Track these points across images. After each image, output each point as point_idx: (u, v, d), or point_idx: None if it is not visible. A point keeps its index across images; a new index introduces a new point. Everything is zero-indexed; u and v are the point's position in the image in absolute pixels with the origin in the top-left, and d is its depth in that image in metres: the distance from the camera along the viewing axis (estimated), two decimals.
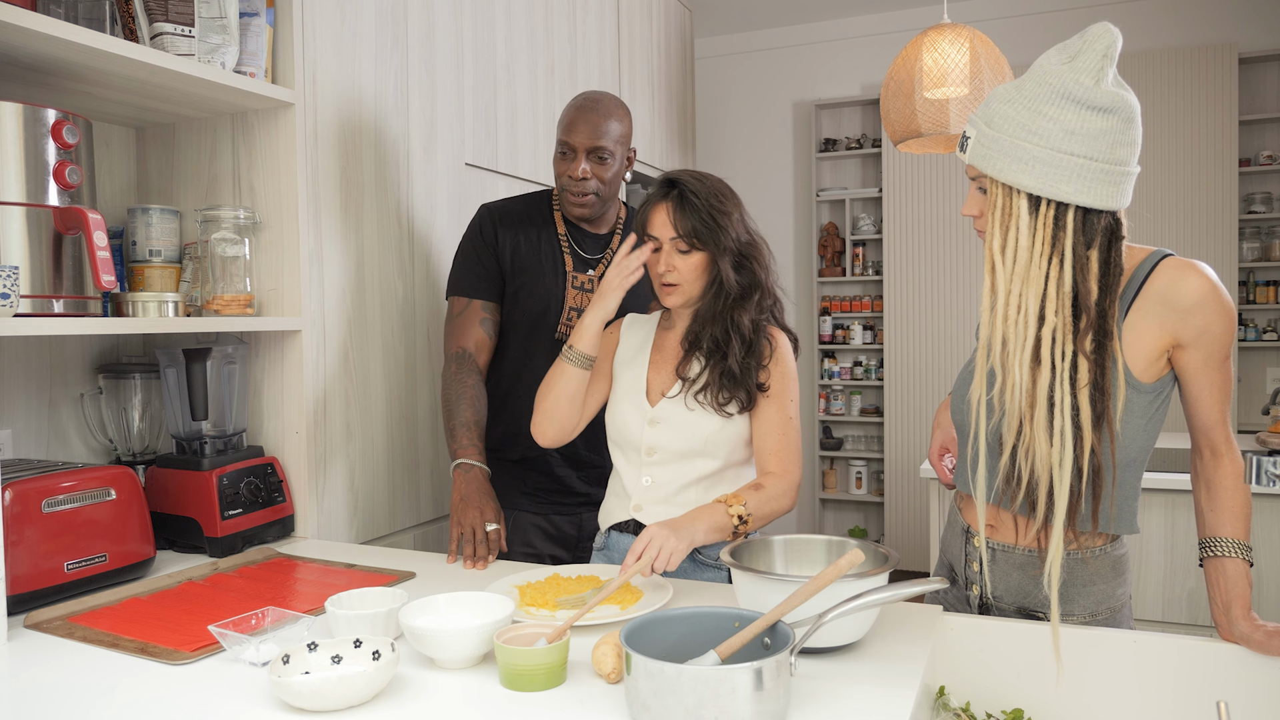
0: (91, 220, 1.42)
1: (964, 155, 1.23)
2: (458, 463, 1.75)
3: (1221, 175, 4.23)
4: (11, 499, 1.36)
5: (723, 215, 1.52)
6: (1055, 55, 1.19)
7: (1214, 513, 1.26)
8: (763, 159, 5.41)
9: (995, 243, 1.20)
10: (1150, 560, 2.44)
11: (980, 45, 2.78)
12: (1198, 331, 1.21)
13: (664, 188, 1.55)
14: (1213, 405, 1.27)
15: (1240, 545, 1.24)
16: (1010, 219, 1.18)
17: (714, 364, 1.55)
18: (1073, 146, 1.14)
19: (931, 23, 4.81)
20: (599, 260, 2.00)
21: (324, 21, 1.92)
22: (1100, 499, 1.22)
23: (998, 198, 1.19)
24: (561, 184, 1.90)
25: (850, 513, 5.33)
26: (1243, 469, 1.28)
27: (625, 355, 1.68)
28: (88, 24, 1.53)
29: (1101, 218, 1.18)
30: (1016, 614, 1.38)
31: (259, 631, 1.20)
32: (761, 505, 1.45)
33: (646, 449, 1.59)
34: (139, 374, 1.87)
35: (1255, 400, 4.39)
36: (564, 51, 2.93)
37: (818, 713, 0.99)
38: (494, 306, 1.98)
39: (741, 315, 1.54)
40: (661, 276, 1.54)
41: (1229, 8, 4.43)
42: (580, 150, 1.86)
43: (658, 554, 1.28)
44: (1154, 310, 1.23)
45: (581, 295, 1.98)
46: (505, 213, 2.01)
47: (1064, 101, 1.15)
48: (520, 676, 1.05)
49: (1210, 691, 1.20)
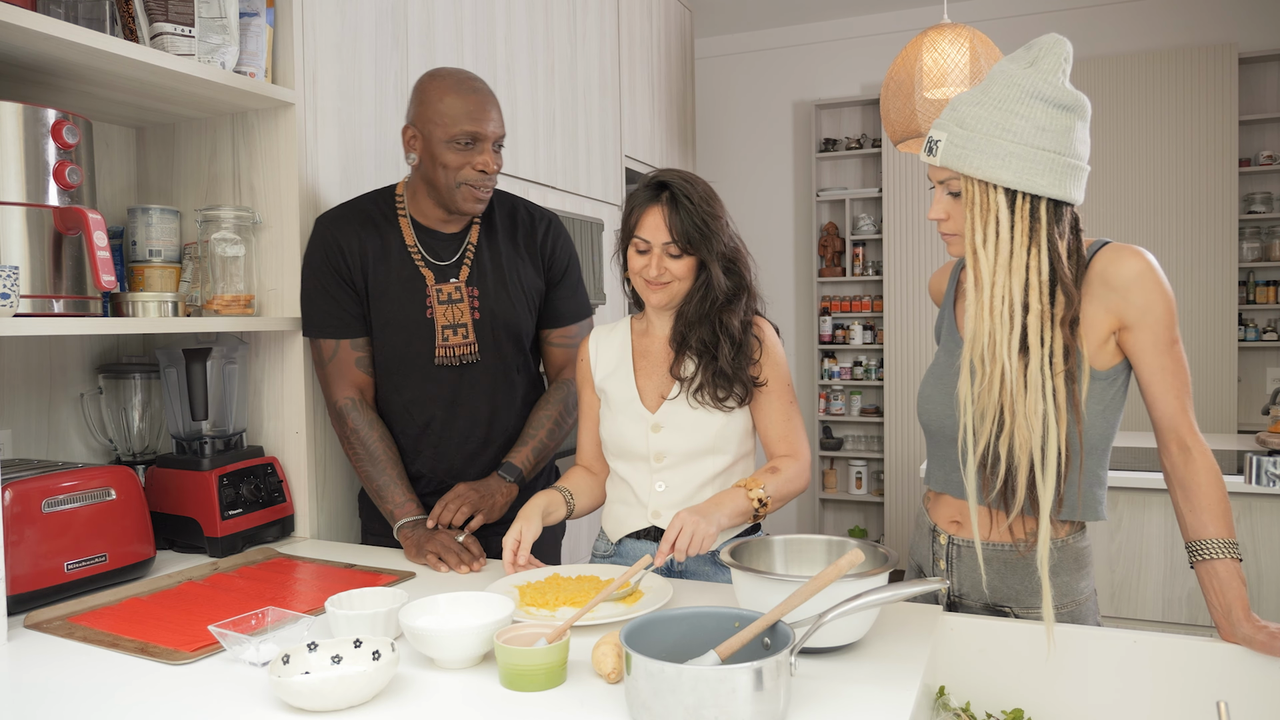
0: (91, 220, 1.42)
1: (932, 159, 1.28)
2: (400, 525, 1.69)
3: (1221, 175, 4.23)
4: (11, 499, 1.36)
5: (714, 220, 1.52)
6: (1013, 62, 1.27)
7: (1194, 514, 1.26)
8: (763, 159, 5.41)
9: (976, 237, 1.24)
10: (1150, 560, 2.45)
11: (980, 45, 2.78)
12: (1140, 310, 1.26)
13: (654, 190, 1.53)
14: (1169, 394, 1.28)
15: (1227, 544, 1.24)
16: (989, 214, 1.24)
17: (705, 364, 1.55)
18: (1044, 142, 1.21)
19: (931, 23, 4.81)
20: (460, 264, 1.80)
21: (324, 21, 1.92)
22: (1068, 483, 1.28)
23: (974, 195, 1.24)
24: (461, 178, 1.69)
25: (850, 513, 5.33)
26: (1214, 462, 1.28)
27: (605, 370, 1.65)
28: (88, 24, 1.53)
29: (1067, 210, 1.26)
30: (983, 610, 1.40)
31: (259, 631, 1.20)
32: (780, 487, 1.48)
33: (655, 455, 1.57)
34: (139, 374, 1.87)
35: (1255, 400, 4.39)
36: (564, 51, 2.93)
37: (818, 713, 0.99)
38: (364, 341, 1.80)
39: (730, 317, 1.54)
40: (653, 279, 1.53)
41: (1229, 8, 4.43)
42: (490, 139, 1.70)
43: (691, 539, 1.32)
44: (1097, 293, 1.28)
45: (451, 309, 1.77)
46: (345, 223, 1.78)
47: (1034, 100, 1.22)
48: (520, 676, 1.05)
49: (1210, 691, 1.20)
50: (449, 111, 1.67)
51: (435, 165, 1.69)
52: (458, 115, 1.66)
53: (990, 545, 1.38)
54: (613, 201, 3.29)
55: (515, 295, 1.83)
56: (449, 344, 1.77)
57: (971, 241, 1.25)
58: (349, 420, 1.76)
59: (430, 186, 1.73)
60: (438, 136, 1.67)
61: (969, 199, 1.25)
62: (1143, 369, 1.29)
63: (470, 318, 1.78)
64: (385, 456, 1.75)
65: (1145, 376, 1.29)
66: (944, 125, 1.27)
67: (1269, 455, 2.04)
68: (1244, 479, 2.07)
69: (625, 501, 1.62)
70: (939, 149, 1.26)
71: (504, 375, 1.84)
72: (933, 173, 1.30)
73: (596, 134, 3.16)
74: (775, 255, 5.36)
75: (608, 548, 1.65)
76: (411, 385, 1.79)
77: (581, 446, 1.74)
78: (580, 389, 1.72)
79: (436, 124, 1.67)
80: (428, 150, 1.70)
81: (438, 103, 1.68)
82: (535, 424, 1.85)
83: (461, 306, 1.77)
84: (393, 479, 1.73)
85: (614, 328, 1.71)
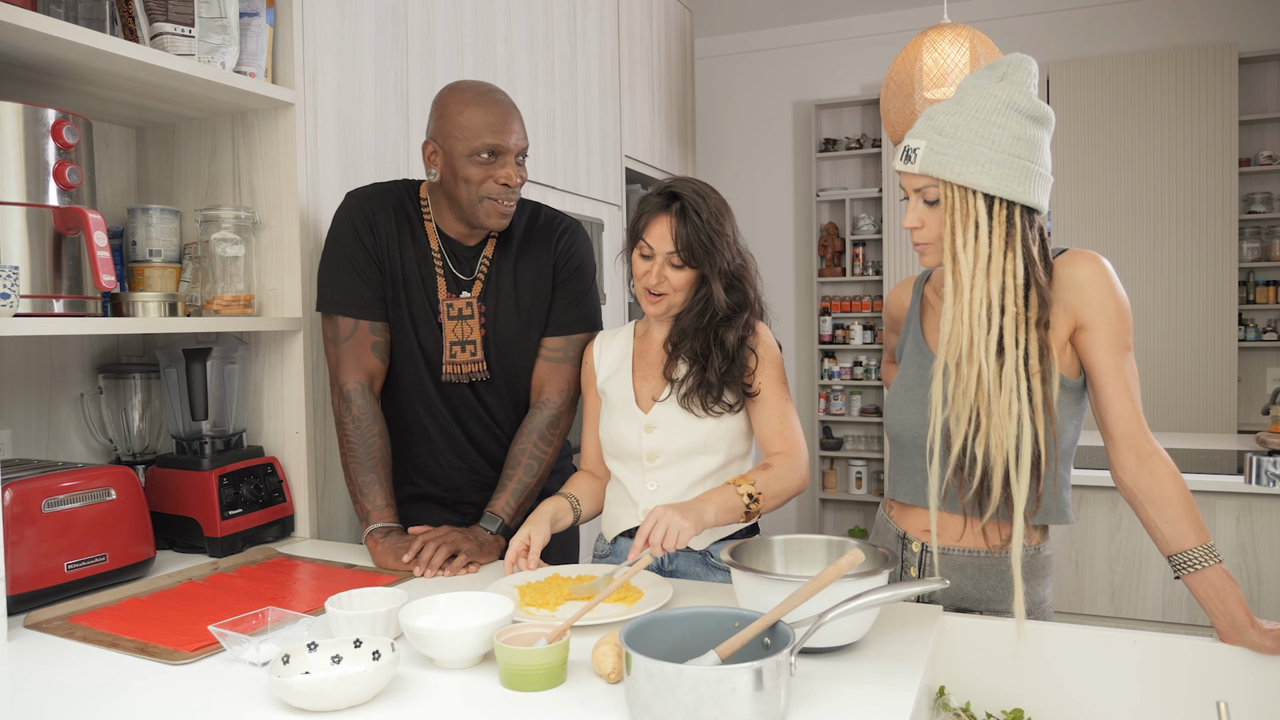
0: (91, 220, 1.42)
1: (910, 166, 1.31)
2: (370, 530, 1.62)
3: (1221, 175, 4.23)
4: (11, 499, 1.36)
5: (720, 237, 1.52)
6: (983, 78, 1.31)
7: (1169, 525, 1.26)
8: (763, 159, 5.41)
9: (957, 241, 1.27)
10: (1150, 560, 2.45)
11: (980, 45, 2.78)
12: (1094, 309, 1.29)
13: (666, 199, 1.53)
14: (1123, 397, 1.29)
15: (1209, 550, 1.24)
16: (969, 219, 1.26)
17: (695, 371, 1.55)
18: (1019, 150, 1.25)
19: (931, 23, 4.81)
20: (475, 278, 1.75)
21: (324, 21, 1.92)
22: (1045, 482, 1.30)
23: (954, 200, 1.27)
24: (484, 192, 1.64)
25: (850, 513, 5.33)
26: (1174, 465, 1.29)
27: (607, 372, 1.67)
28: (88, 24, 1.53)
29: (1037, 216, 1.30)
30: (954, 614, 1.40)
31: (259, 631, 1.20)
32: (772, 483, 1.46)
33: (647, 455, 1.59)
34: (139, 374, 1.87)
35: (1255, 400, 4.39)
36: (564, 51, 2.93)
37: (818, 713, 0.99)
38: (383, 327, 1.73)
39: (727, 333, 1.54)
40: (652, 287, 1.54)
41: (1229, 8, 4.43)
42: (513, 152, 1.65)
43: (665, 533, 1.29)
44: (1057, 294, 1.31)
45: (461, 325, 1.72)
46: (380, 203, 1.72)
47: (1010, 111, 1.26)
48: (520, 676, 1.05)
49: (1210, 691, 1.20)
50: (470, 125, 1.61)
51: (457, 180, 1.64)
52: (479, 128, 1.61)
53: (963, 551, 1.40)
54: (613, 201, 3.29)
55: (525, 315, 1.77)
56: (457, 361, 1.73)
57: (951, 246, 1.27)
58: (354, 406, 1.68)
59: (452, 201, 1.69)
60: (459, 151, 1.62)
61: (949, 204, 1.27)
62: (1096, 372, 1.31)
63: (479, 335, 1.73)
64: (380, 455, 1.68)
65: (1099, 380, 1.31)
66: (921, 134, 1.30)
67: (1269, 455, 2.04)
68: (1244, 479, 2.07)
69: (619, 501, 1.65)
70: (917, 156, 1.29)
71: (510, 395, 1.81)
72: (908, 181, 1.33)
73: (596, 134, 3.16)
74: (775, 255, 5.36)
75: (604, 547, 1.69)
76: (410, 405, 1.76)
77: (585, 450, 1.73)
78: (584, 392, 1.73)
79: (458, 138, 1.62)
80: (449, 165, 1.65)
81: (458, 116, 1.62)
82: (511, 462, 1.74)
83: (471, 323, 1.73)
84: (380, 479, 1.66)
85: (618, 332, 1.72)
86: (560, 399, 1.77)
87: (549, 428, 1.75)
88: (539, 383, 1.80)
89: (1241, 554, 2.36)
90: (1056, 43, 4.72)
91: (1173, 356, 4.30)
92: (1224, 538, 2.37)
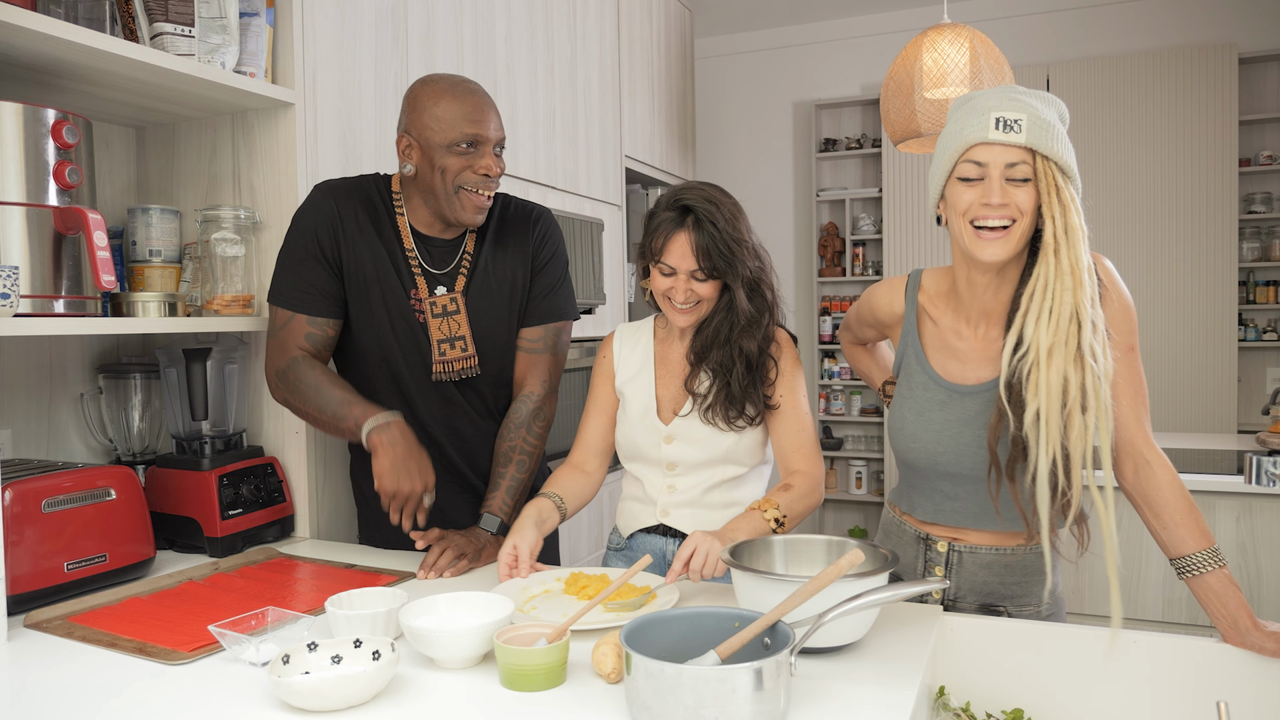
0: (91, 220, 1.42)
1: (1015, 137, 1.20)
2: (373, 425, 1.53)
3: (1221, 175, 4.23)
4: (11, 499, 1.36)
5: (739, 245, 1.49)
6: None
7: (1168, 531, 1.26)
8: (762, 159, 5.41)
9: (1058, 224, 1.20)
10: (1150, 561, 2.44)
11: (980, 45, 2.78)
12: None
13: (679, 213, 1.49)
14: (1123, 400, 1.27)
15: (1212, 554, 1.23)
16: (1070, 201, 1.20)
17: (719, 384, 1.55)
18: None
19: (931, 23, 4.81)
20: (457, 273, 1.72)
21: (324, 21, 1.92)
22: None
23: (1054, 177, 1.20)
24: (460, 182, 1.61)
25: (850, 513, 5.33)
26: (1174, 470, 1.28)
27: (627, 374, 1.65)
28: (88, 24, 1.54)
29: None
30: (979, 610, 1.42)
31: (259, 631, 1.20)
32: (794, 504, 1.46)
33: (667, 464, 1.60)
34: (139, 374, 1.87)
35: (1255, 400, 4.39)
36: (564, 51, 2.93)
37: (818, 713, 0.99)
38: (325, 322, 1.66)
39: (749, 342, 1.53)
40: (681, 302, 1.52)
41: (1229, 8, 4.43)
42: (492, 142, 1.63)
43: (704, 560, 1.30)
44: None
45: (446, 321, 1.68)
46: (347, 198, 1.67)
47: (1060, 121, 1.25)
48: (520, 676, 1.05)
49: (1210, 691, 1.20)
50: (446, 115, 1.59)
51: (434, 172, 1.61)
52: (456, 119, 1.59)
53: (989, 549, 1.41)
54: (613, 201, 3.29)
55: (508, 306, 1.76)
56: (447, 358, 1.69)
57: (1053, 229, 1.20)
58: (290, 373, 1.61)
59: (427, 195, 1.65)
60: (436, 142, 1.60)
61: (1049, 182, 1.20)
62: None
63: (467, 330, 1.70)
64: (334, 382, 1.60)
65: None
66: (1024, 104, 1.21)
67: (1269, 455, 2.05)
68: (1244, 479, 2.07)
69: (638, 498, 1.65)
70: (1023, 127, 1.20)
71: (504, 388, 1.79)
72: (1000, 154, 1.21)
73: (596, 134, 3.16)
74: (775, 255, 5.31)
75: (620, 541, 1.69)
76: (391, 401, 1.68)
77: (581, 441, 1.68)
78: (596, 383, 1.68)
79: (434, 129, 1.60)
80: (425, 158, 1.62)
81: (433, 107, 1.60)
82: (502, 459, 1.71)
83: (458, 319, 1.69)
84: (347, 397, 1.57)
85: (639, 328, 1.69)
86: (543, 389, 1.76)
87: (534, 419, 1.74)
88: (520, 375, 1.79)
89: (1241, 554, 2.36)
90: (1056, 43, 4.72)
91: (1173, 356, 4.30)
92: (1224, 538, 2.37)
